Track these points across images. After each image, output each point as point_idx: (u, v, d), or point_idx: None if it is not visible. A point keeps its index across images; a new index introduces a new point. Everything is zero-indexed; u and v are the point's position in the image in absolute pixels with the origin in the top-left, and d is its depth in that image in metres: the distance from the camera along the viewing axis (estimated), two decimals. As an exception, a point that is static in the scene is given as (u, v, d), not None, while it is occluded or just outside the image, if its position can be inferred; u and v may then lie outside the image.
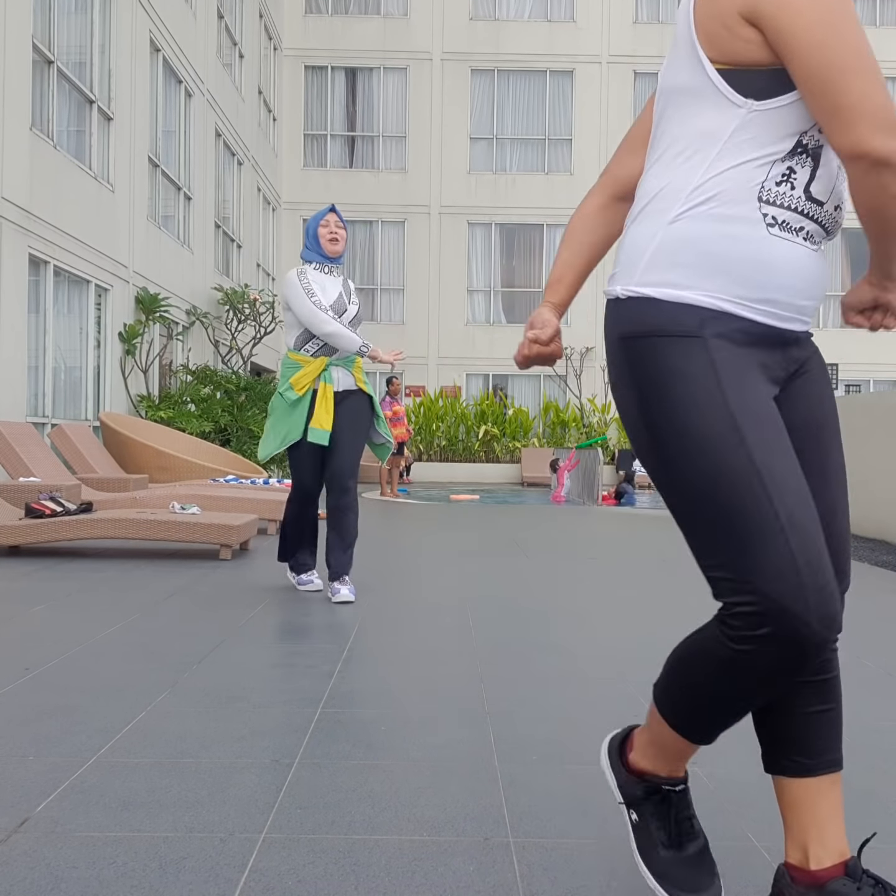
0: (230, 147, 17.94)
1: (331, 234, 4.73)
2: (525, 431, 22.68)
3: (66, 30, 10.81)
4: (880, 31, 23.32)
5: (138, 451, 10.43)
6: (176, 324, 14.57)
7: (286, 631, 3.91)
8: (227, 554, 6.18)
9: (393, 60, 23.18)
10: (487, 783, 2.21)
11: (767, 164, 1.43)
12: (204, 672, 3.19)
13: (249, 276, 19.61)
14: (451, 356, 23.39)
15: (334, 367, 4.75)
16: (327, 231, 4.74)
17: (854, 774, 2.33)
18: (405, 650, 3.59)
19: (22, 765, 2.27)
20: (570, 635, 3.93)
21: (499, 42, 23.20)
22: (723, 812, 2.07)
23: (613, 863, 1.81)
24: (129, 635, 3.76)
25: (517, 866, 1.79)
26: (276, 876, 1.73)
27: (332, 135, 23.34)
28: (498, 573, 5.77)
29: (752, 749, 2.50)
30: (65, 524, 6.05)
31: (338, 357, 4.74)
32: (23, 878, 1.70)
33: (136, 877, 1.72)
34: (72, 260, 10.83)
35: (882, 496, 8.43)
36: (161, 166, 13.99)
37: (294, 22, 23.02)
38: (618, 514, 11.45)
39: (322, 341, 4.70)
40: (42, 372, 10.38)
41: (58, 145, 10.41)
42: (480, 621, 4.20)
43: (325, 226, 4.75)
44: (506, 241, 23.52)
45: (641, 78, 23.39)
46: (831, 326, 23.79)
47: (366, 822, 1.98)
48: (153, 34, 13.44)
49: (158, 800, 2.07)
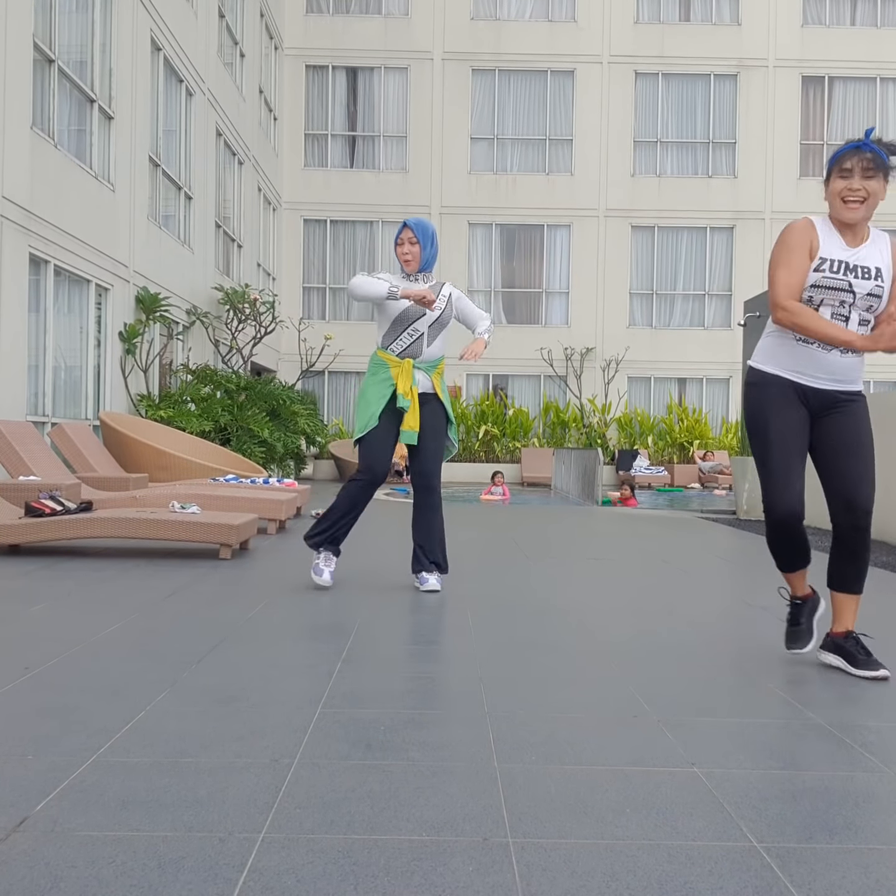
0: (231, 147, 17.93)
1: (403, 254, 4.93)
2: (525, 431, 22.68)
3: (66, 29, 10.81)
4: (881, 31, 23.31)
5: (138, 450, 10.42)
6: (176, 323, 14.56)
7: (286, 631, 3.91)
8: (226, 553, 6.18)
9: (394, 60, 23.18)
10: (487, 783, 2.21)
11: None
12: (203, 672, 3.19)
13: (250, 275, 19.61)
14: (452, 356, 23.40)
15: (416, 369, 4.94)
16: (401, 252, 4.93)
17: (854, 775, 2.33)
18: (405, 650, 3.59)
19: (21, 764, 2.27)
20: (570, 635, 3.93)
21: (500, 42, 23.19)
22: (723, 812, 2.07)
23: (613, 863, 1.81)
24: (129, 635, 3.76)
25: (516, 866, 1.79)
26: (276, 875, 1.73)
27: (333, 134, 23.34)
28: (498, 573, 5.77)
29: (752, 749, 2.50)
30: (64, 523, 6.05)
31: (421, 361, 4.94)
32: (22, 878, 1.70)
33: (135, 876, 1.72)
34: (72, 259, 10.83)
35: (882, 497, 8.43)
36: (162, 166, 13.99)
37: (295, 21, 23.02)
38: (618, 514, 11.44)
39: (406, 341, 4.90)
40: (42, 371, 10.38)
41: (58, 144, 10.41)
42: (480, 621, 4.20)
43: (401, 244, 4.94)
44: (506, 242, 23.52)
45: (642, 78, 23.39)
46: (832, 327, 23.78)
47: (365, 822, 1.98)
48: (154, 33, 13.43)
49: (158, 799, 2.07)
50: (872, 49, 23.31)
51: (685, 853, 1.86)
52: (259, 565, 5.91)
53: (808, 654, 3.66)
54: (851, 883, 1.75)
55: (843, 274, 3.18)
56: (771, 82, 23.38)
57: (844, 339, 3.12)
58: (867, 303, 3.20)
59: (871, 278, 3.20)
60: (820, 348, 3.20)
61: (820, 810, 2.10)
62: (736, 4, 23.38)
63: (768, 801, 2.14)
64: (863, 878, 1.77)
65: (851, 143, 3.18)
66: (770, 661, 3.53)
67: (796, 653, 3.55)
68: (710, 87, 23.43)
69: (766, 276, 23.58)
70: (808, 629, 3.51)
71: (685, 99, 23.48)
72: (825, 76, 23.45)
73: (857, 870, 1.81)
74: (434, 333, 4.94)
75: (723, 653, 3.66)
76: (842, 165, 3.17)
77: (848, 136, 23.51)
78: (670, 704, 2.91)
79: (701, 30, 23.29)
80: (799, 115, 23.44)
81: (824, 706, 2.93)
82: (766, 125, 23.40)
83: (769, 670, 3.39)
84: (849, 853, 1.88)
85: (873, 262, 3.22)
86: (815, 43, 23.33)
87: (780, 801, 2.14)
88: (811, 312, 3.16)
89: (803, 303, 3.19)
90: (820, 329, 3.13)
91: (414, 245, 4.90)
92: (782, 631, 4.12)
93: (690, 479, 21.79)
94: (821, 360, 3.22)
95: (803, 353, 3.23)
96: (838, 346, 3.15)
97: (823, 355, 3.21)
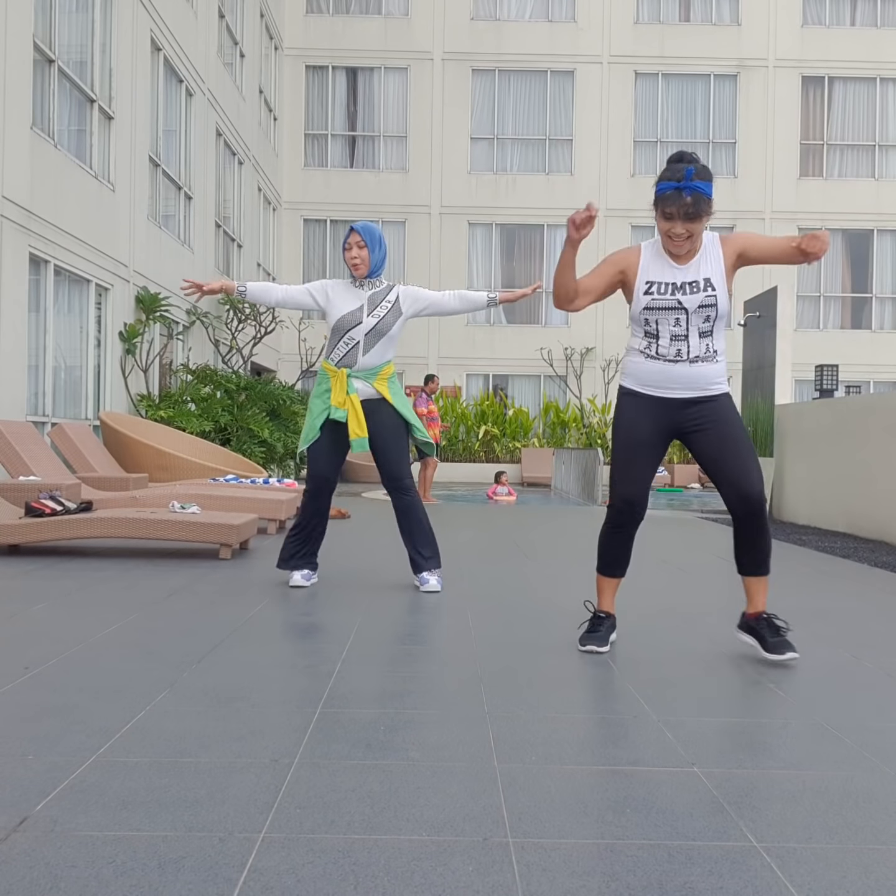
0: (231, 147, 17.94)
1: (352, 259, 4.90)
2: (525, 431, 22.68)
3: (66, 29, 10.81)
4: (881, 31, 23.31)
5: (138, 450, 10.42)
6: (176, 323, 14.57)
7: (286, 631, 3.91)
8: (226, 553, 6.18)
9: (394, 60, 23.18)
10: (487, 783, 2.21)
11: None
12: (203, 671, 3.19)
13: (250, 275, 19.61)
14: (452, 356, 23.40)
15: (354, 378, 4.91)
16: (349, 256, 4.90)
17: (854, 775, 2.33)
18: (405, 650, 3.59)
19: (21, 764, 2.27)
20: (570, 635, 3.93)
21: (500, 42, 23.20)
22: (722, 812, 2.07)
23: (613, 863, 1.81)
24: (129, 634, 3.76)
25: (516, 866, 1.79)
26: (276, 875, 1.73)
27: (333, 135, 23.34)
28: (498, 573, 5.77)
29: (752, 749, 2.50)
30: (64, 523, 6.05)
31: (358, 369, 4.90)
32: (22, 878, 1.70)
33: (135, 876, 1.72)
34: (72, 259, 10.83)
35: (882, 497, 8.43)
36: (162, 166, 13.99)
37: (295, 21, 23.02)
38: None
39: (342, 350, 4.89)
40: (42, 371, 10.38)
41: (58, 144, 10.41)
42: (480, 621, 4.20)
43: (349, 249, 4.90)
44: (506, 242, 23.52)
45: (642, 78, 23.39)
46: (832, 328, 23.80)
47: (365, 822, 1.97)
48: (154, 33, 13.43)
49: (157, 799, 2.07)
50: (872, 49, 23.31)
51: (685, 853, 1.86)
52: (259, 565, 5.91)
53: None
54: (851, 883, 1.75)
55: (670, 294, 3.39)
56: (771, 82, 23.38)
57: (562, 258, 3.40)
58: (702, 315, 3.39)
59: (699, 291, 3.37)
60: (666, 362, 3.41)
61: (820, 810, 2.10)
62: (736, 4, 23.38)
63: (768, 801, 2.14)
64: (863, 878, 1.77)
65: (671, 183, 3.24)
66: (770, 661, 3.53)
67: (592, 649, 3.57)
68: (710, 88, 23.43)
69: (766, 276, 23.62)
70: (606, 636, 3.64)
71: (685, 99, 23.48)
72: (825, 76, 23.46)
73: (857, 870, 1.81)
74: (371, 342, 4.86)
75: (723, 653, 3.66)
76: (664, 209, 3.27)
77: (844, 138, 23.54)
78: (670, 704, 2.91)
79: (701, 30, 23.30)
80: (799, 116, 23.44)
81: (824, 706, 2.93)
82: (766, 125, 23.41)
83: (769, 670, 3.39)
84: (849, 853, 1.88)
85: (703, 273, 3.39)
86: (815, 43, 23.33)
87: (780, 801, 2.14)
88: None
89: (640, 327, 3.47)
90: (556, 273, 3.46)
91: (362, 249, 4.87)
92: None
93: (690, 479, 21.80)
94: (670, 372, 3.42)
95: (654, 368, 3.44)
96: (563, 269, 3.40)
97: (671, 367, 3.41)
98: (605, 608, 3.72)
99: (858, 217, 23.56)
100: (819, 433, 9.84)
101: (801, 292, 23.53)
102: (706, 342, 3.41)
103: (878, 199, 23.53)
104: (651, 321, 3.42)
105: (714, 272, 3.39)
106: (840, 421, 9.34)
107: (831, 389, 14.74)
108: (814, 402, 10.16)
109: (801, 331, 23.27)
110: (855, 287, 23.83)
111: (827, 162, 23.63)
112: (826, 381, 14.68)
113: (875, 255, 23.69)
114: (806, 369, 22.07)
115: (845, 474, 9.20)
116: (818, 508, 9.85)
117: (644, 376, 3.47)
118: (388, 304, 4.91)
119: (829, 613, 4.58)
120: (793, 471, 10.56)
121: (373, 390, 4.91)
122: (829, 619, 4.42)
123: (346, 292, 4.92)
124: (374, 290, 4.93)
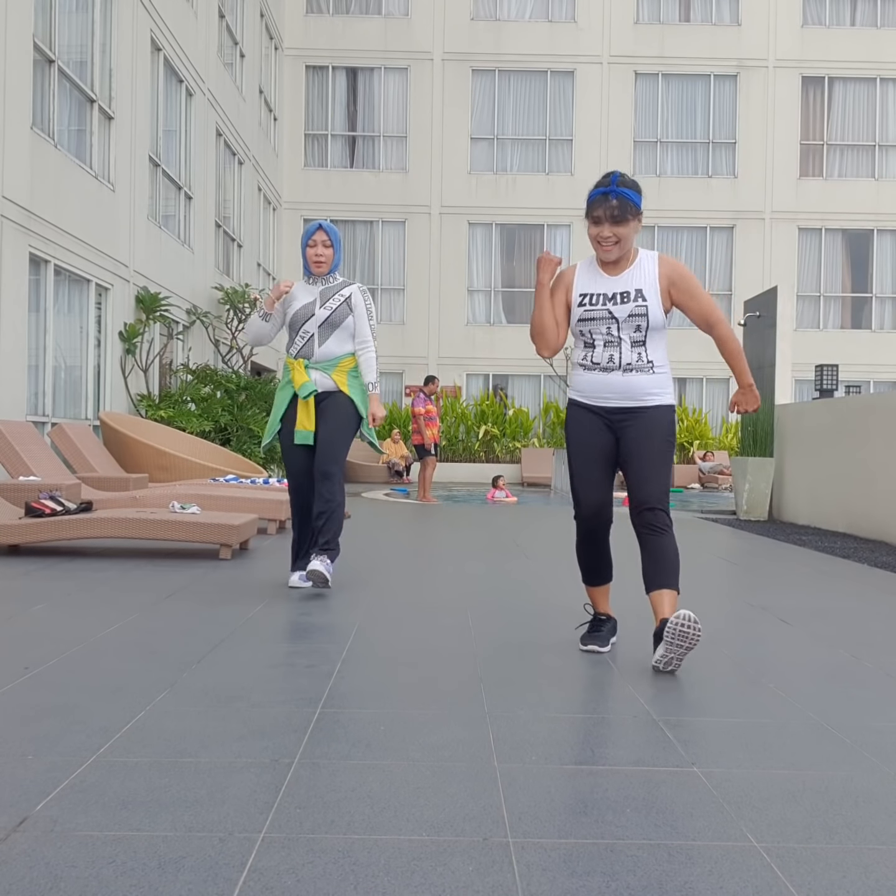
0: (231, 147, 17.94)
1: (316, 256, 4.94)
2: (525, 431, 22.68)
3: (66, 29, 10.81)
4: (881, 31, 23.31)
5: (138, 450, 10.42)
6: (176, 323, 14.56)
7: (286, 631, 3.91)
8: (226, 554, 6.18)
9: (394, 60, 23.18)
10: (487, 783, 2.21)
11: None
12: (203, 671, 3.19)
13: (250, 275, 19.61)
14: (452, 356, 23.39)
15: (312, 369, 4.94)
16: (313, 253, 4.94)
17: (854, 775, 2.33)
18: (405, 650, 3.59)
19: (21, 764, 2.27)
20: (569, 635, 3.93)
21: (499, 42, 23.20)
22: (722, 812, 2.07)
23: (613, 863, 1.81)
24: (129, 634, 3.76)
25: (516, 866, 1.79)
26: (276, 875, 1.73)
27: (333, 135, 23.34)
28: (498, 573, 5.77)
29: (752, 749, 2.50)
30: (64, 523, 6.05)
31: (315, 361, 4.95)
32: (22, 878, 1.70)
33: (135, 876, 1.72)
34: (72, 259, 10.83)
35: (882, 497, 8.43)
36: (162, 166, 13.99)
37: (295, 21, 23.02)
38: (618, 514, 11.43)
39: (299, 343, 4.97)
40: (42, 371, 10.37)
41: (58, 144, 10.41)
42: (480, 621, 4.20)
43: (312, 246, 4.94)
44: (506, 242, 23.52)
45: (642, 78, 23.39)
46: (832, 328, 23.79)
47: (365, 822, 1.98)
48: (154, 33, 13.43)
49: (157, 799, 2.07)
50: (872, 49, 23.31)
51: (685, 853, 1.86)
52: (259, 565, 5.91)
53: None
54: (851, 883, 1.75)
55: (601, 304, 3.50)
56: (771, 83, 23.38)
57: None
58: (633, 324, 3.48)
59: (629, 301, 3.47)
60: (601, 371, 3.53)
61: (820, 810, 2.10)
62: (736, 5, 23.38)
63: (768, 801, 2.14)
64: (863, 878, 1.77)
65: (600, 189, 3.42)
66: (770, 661, 3.53)
67: (593, 649, 3.64)
68: (710, 88, 23.43)
69: (766, 276, 23.60)
70: (607, 636, 3.71)
71: (685, 99, 23.48)
72: (825, 76, 23.45)
73: (857, 870, 1.81)
74: (325, 333, 4.93)
75: (723, 653, 3.66)
76: (593, 213, 3.45)
77: (844, 138, 23.54)
78: (670, 704, 2.91)
79: (701, 30, 23.29)
80: (799, 116, 23.44)
81: (824, 706, 2.93)
82: (766, 125, 23.41)
83: (769, 670, 3.39)
84: (849, 853, 1.88)
85: (634, 284, 3.49)
86: (815, 43, 23.33)
87: (780, 801, 2.14)
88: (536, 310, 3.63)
89: (579, 339, 3.59)
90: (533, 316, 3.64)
91: (328, 248, 4.93)
92: (782, 631, 4.12)
93: (690, 480, 21.79)
94: (605, 381, 3.53)
95: (592, 378, 3.55)
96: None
97: (606, 377, 3.52)
98: (603, 611, 3.77)
99: (858, 217, 23.56)
100: (819, 433, 9.84)
101: (801, 292, 23.53)
102: (638, 351, 3.50)
103: (878, 199, 23.53)
104: (585, 332, 3.54)
105: (646, 284, 3.48)
106: (840, 421, 9.34)
107: (831, 389, 14.74)
108: (814, 402, 10.17)
109: (801, 331, 23.27)
110: (855, 287, 23.83)
111: (827, 162, 23.63)
112: (826, 381, 14.68)
113: (875, 255, 23.69)
114: (806, 369, 22.07)
115: (845, 474, 9.20)
116: (818, 508, 9.85)
117: (585, 387, 3.59)
118: (341, 298, 4.97)
119: (828, 613, 4.58)
120: (793, 471, 10.56)
121: (331, 382, 4.95)
122: (829, 619, 4.42)
123: (300, 290, 5.02)
124: (327, 284, 5.01)
